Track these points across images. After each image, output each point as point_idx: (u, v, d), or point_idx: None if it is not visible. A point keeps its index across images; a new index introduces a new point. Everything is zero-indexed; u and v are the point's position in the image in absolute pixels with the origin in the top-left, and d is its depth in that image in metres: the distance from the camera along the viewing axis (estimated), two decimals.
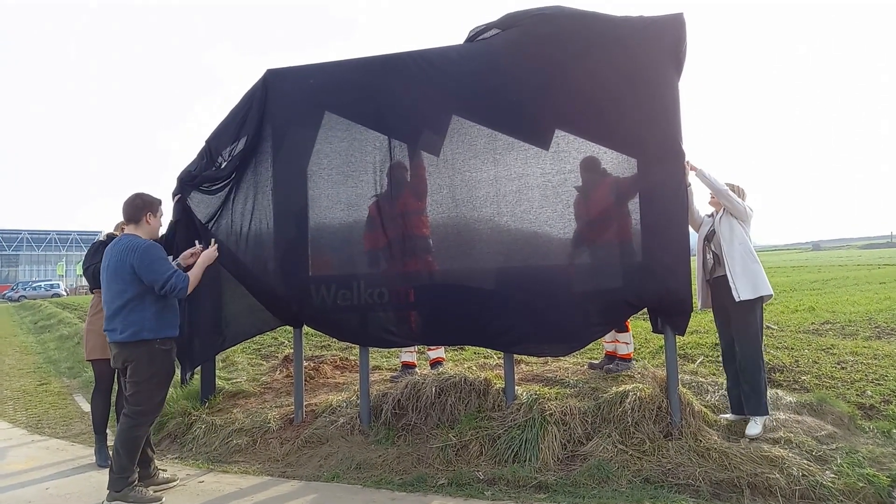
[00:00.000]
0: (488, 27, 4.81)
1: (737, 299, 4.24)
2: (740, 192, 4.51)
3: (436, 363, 5.75)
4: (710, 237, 4.51)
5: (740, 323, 4.33)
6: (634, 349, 5.52)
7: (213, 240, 4.39)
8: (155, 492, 4.07)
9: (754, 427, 4.17)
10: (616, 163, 4.43)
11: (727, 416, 4.47)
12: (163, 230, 4.74)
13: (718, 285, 4.43)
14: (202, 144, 5.29)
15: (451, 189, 4.69)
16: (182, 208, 5.25)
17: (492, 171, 4.62)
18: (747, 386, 4.26)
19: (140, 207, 4.13)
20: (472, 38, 4.94)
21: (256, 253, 5.10)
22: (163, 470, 4.41)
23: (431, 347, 5.84)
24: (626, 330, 5.30)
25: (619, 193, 4.44)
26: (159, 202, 4.28)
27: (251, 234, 5.11)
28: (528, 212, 4.54)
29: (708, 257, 4.52)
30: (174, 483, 4.29)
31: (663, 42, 4.34)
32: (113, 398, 5.07)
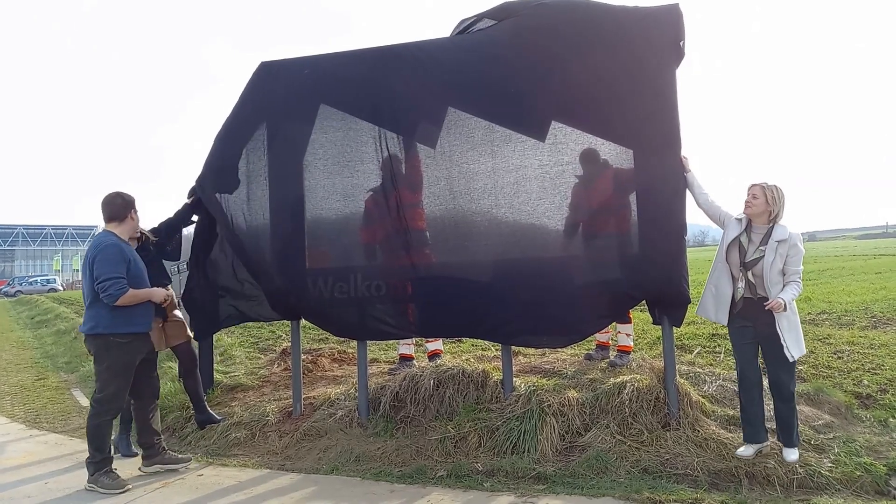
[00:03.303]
0: (480, 17, 4.78)
1: (790, 360, 3.82)
2: (781, 198, 3.94)
3: (434, 355, 5.75)
4: (750, 265, 3.93)
5: (782, 355, 3.88)
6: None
7: (173, 294, 4.68)
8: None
9: (793, 454, 3.82)
10: (614, 154, 4.42)
11: (743, 451, 3.91)
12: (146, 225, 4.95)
13: (752, 307, 3.94)
14: (200, 141, 5.29)
15: (448, 181, 4.67)
16: (203, 213, 5.24)
17: (489, 162, 4.60)
18: (790, 419, 3.86)
19: (123, 206, 4.29)
20: (462, 30, 4.91)
21: (254, 245, 5.07)
22: (176, 452, 4.68)
23: (429, 340, 5.84)
24: (628, 321, 5.29)
25: (618, 185, 4.43)
26: (134, 199, 4.42)
27: (248, 227, 5.08)
28: (526, 203, 4.53)
29: (739, 286, 3.96)
30: (182, 465, 4.47)
31: (661, 32, 4.32)
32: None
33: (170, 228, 5.14)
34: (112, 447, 4.87)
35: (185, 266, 6.10)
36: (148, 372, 4.49)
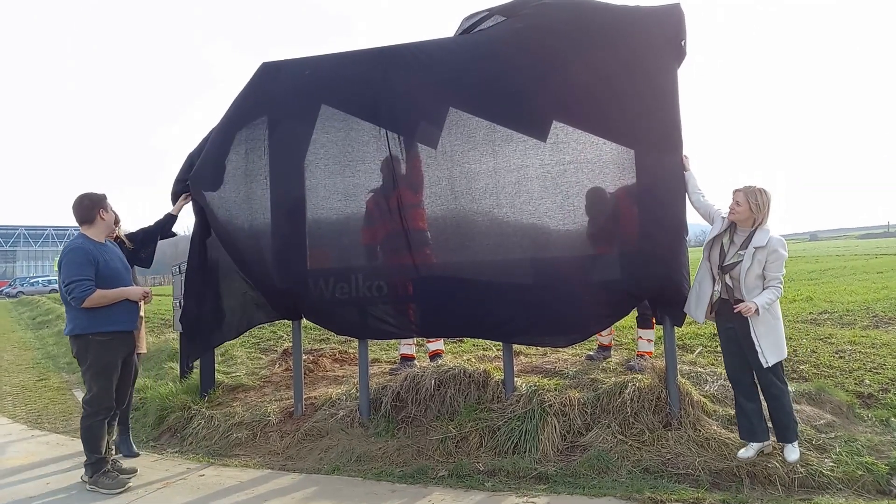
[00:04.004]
0: (491, 13, 4.77)
1: (764, 366, 3.76)
2: (766, 203, 3.85)
3: (435, 355, 5.76)
4: (728, 269, 3.89)
5: (757, 360, 3.84)
6: (632, 340, 5.50)
7: (150, 290, 4.54)
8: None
9: (794, 452, 3.79)
10: (615, 154, 4.39)
11: (744, 453, 3.87)
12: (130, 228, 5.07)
13: (727, 308, 3.94)
14: (200, 141, 5.29)
15: (449, 181, 4.67)
16: (198, 208, 5.20)
17: (491, 162, 4.60)
18: (781, 415, 3.82)
19: (90, 207, 4.25)
20: (468, 28, 4.91)
21: (255, 245, 5.07)
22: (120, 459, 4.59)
23: (430, 340, 5.84)
24: (650, 326, 5.25)
25: (621, 198, 4.40)
26: (104, 196, 4.36)
27: (249, 227, 5.07)
28: (528, 203, 4.53)
29: (716, 288, 3.97)
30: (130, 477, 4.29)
31: (662, 32, 4.32)
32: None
33: (146, 236, 5.10)
34: (114, 448, 4.89)
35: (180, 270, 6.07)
36: (123, 377, 4.34)
